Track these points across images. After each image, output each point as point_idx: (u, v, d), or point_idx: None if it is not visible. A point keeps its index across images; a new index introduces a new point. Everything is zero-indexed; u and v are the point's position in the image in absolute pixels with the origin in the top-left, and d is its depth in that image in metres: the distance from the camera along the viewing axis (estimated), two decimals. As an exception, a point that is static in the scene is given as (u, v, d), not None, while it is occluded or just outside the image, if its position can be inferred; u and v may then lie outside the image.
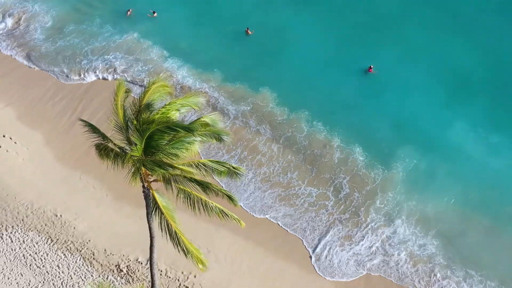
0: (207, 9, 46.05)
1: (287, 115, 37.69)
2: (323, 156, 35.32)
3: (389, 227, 31.71)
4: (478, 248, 30.95)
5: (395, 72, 40.19)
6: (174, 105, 18.83)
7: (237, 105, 38.39)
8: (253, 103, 38.52)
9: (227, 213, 19.63)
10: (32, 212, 31.66)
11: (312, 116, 37.50)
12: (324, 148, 35.74)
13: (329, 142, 36.03)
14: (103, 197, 32.96)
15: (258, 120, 37.53)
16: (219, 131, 18.75)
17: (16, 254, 29.60)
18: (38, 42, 43.16)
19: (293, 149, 35.83)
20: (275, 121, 37.41)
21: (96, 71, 40.75)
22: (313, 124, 37.05)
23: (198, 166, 18.81)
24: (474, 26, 43.25)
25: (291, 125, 37.09)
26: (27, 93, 39.30)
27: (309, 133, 36.61)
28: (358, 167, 34.50)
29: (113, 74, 40.60)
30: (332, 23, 44.40)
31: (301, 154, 35.52)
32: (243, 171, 19.24)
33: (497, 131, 36.31)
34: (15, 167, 34.05)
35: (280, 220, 32.26)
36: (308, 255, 30.82)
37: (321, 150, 35.63)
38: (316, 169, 34.63)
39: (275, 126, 37.12)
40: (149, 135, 17.79)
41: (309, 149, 35.78)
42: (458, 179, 33.96)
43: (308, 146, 35.91)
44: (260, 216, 32.38)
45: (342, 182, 33.86)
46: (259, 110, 38.10)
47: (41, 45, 42.89)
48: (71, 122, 36.99)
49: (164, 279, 29.03)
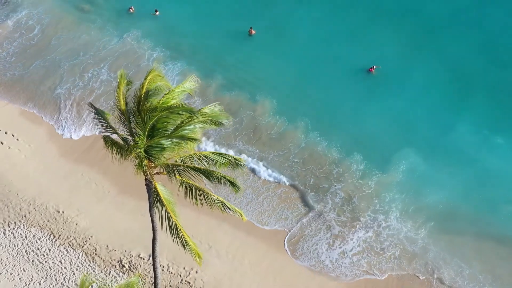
0: (210, 7, 46.15)
1: (285, 121, 37.47)
2: (320, 158, 35.25)
3: (386, 226, 31.72)
4: (471, 245, 30.94)
5: (396, 72, 40.20)
6: (173, 93, 19.05)
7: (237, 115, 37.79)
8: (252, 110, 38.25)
9: (229, 206, 19.78)
10: (34, 208, 31.78)
11: (310, 116, 37.48)
12: (323, 151, 35.64)
13: (329, 141, 36.09)
14: (105, 193, 33.09)
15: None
16: (220, 115, 18.98)
17: (19, 250, 29.71)
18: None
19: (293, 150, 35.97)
20: (270, 133, 36.91)
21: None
22: (311, 127, 36.92)
23: (200, 158, 19.06)
24: (476, 25, 43.36)
25: (289, 135, 36.71)
26: (29, 89, 39.52)
27: (307, 136, 36.44)
28: (357, 170, 34.34)
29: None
30: (335, 21, 44.46)
31: (298, 154, 35.57)
32: (244, 162, 19.45)
33: (499, 133, 36.18)
34: (18, 164, 34.19)
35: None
36: (309, 254, 30.86)
37: (318, 152, 35.55)
38: (314, 171, 34.63)
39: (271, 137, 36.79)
40: (152, 124, 17.96)
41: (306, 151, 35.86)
42: (458, 178, 33.85)
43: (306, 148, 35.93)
44: (266, 228, 32.03)
45: (340, 182, 33.81)
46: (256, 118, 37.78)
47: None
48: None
49: (166, 275, 29.11)
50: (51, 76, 40.41)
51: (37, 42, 43.38)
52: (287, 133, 36.70)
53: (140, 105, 18.69)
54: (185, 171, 19.07)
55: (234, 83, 39.69)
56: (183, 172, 19.13)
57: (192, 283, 28.92)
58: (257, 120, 37.44)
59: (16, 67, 41.20)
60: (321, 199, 33.06)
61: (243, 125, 37.13)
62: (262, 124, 37.26)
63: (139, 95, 18.91)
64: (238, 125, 37.09)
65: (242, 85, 39.50)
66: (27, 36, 43.85)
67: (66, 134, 36.49)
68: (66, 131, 36.58)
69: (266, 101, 38.45)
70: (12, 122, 36.66)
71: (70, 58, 41.94)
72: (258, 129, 37.03)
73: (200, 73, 38.78)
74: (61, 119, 37.35)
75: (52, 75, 40.50)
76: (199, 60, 41.42)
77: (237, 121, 37.23)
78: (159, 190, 19.29)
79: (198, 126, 18.51)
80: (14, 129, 36.17)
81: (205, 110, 19.28)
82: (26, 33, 44.03)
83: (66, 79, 40.23)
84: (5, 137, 35.53)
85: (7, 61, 41.73)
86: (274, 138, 36.56)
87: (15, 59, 41.90)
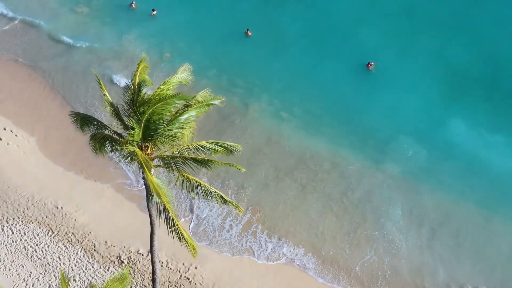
0: (207, 8, 46.11)
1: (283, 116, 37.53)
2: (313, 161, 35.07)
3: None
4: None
5: (394, 68, 40.16)
6: (167, 85, 18.97)
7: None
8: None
9: (226, 199, 19.61)
10: (33, 204, 31.63)
11: (308, 115, 37.50)
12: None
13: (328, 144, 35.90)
14: (104, 189, 32.97)
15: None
16: (212, 98, 18.94)
17: (17, 246, 29.56)
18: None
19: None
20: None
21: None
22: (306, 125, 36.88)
23: (197, 148, 19.00)
24: (474, 23, 43.40)
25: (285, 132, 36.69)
26: (28, 86, 39.38)
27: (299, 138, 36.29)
28: (353, 167, 34.33)
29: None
30: (334, 20, 44.52)
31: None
32: (240, 148, 19.38)
33: (498, 131, 36.16)
34: (16, 160, 34.05)
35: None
36: (309, 254, 30.64)
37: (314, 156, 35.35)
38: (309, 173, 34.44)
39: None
40: (147, 118, 17.81)
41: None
42: (456, 178, 33.82)
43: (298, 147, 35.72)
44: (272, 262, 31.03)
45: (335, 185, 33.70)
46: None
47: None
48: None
49: (165, 271, 28.94)
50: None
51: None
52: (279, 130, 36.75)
53: (135, 97, 18.57)
54: (182, 162, 18.92)
55: (230, 83, 39.60)
56: (181, 164, 18.98)
57: (191, 279, 28.74)
58: (257, 120, 37.39)
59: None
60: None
61: (242, 125, 37.10)
62: (263, 124, 37.23)
63: (132, 88, 18.80)
64: (239, 125, 37.16)
65: (239, 85, 39.44)
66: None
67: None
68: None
69: (263, 99, 38.48)
70: (11, 118, 36.54)
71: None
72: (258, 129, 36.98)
73: (196, 73, 38.34)
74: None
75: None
76: (196, 60, 40.71)
77: (237, 120, 37.31)
78: (156, 183, 19.08)
79: (192, 114, 18.46)
80: (13, 125, 36.02)
81: (198, 98, 19.29)
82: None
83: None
84: (4, 133, 35.41)
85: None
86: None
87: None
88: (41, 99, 38.53)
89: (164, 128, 18.48)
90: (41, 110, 37.76)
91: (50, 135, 36.02)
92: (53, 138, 35.85)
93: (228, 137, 35.04)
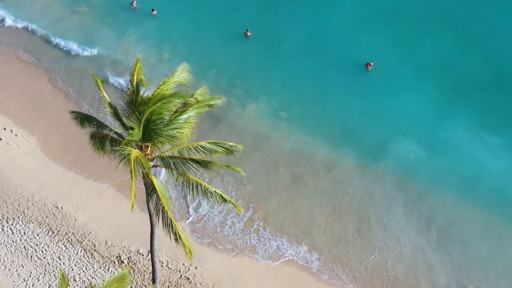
0: (207, 8, 46.11)
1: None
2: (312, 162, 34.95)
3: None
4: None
5: (393, 69, 40.12)
6: (167, 84, 18.93)
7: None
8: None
9: (226, 198, 19.57)
10: (33, 204, 31.61)
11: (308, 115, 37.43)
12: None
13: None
14: (104, 189, 32.93)
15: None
16: (213, 97, 18.85)
17: (17, 246, 29.55)
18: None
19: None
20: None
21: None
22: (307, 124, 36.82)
23: (197, 149, 18.92)
24: (474, 23, 43.44)
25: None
26: (28, 86, 39.36)
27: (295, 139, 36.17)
28: (353, 166, 34.29)
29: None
30: (333, 20, 44.61)
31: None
32: (241, 148, 19.33)
33: (499, 131, 36.06)
34: (16, 160, 34.05)
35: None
36: (310, 253, 30.58)
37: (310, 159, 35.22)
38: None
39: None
40: (147, 117, 17.76)
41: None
42: (457, 178, 33.69)
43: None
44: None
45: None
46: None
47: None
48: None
49: (165, 271, 28.90)
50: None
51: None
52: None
53: (134, 96, 18.54)
54: (182, 163, 18.87)
55: (230, 83, 39.56)
56: (180, 164, 18.93)
57: (192, 278, 28.70)
58: (256, 120, 37.31)
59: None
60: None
61: (241, 124, 37.07)
62: (262, 123, 37.13)
63: (131, 88, 18.79)
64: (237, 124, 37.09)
65: (238, 85, 39.40)
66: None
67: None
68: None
69: (261, 99, 38.45)
70: (11, 118, 36.52)
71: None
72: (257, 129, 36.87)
73: (195, 74, 38.21)
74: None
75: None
76: (195, 60, 40.77)
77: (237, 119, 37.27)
78: (155, 184, 19.08)
79: (192, 114, 18.42)
80: (13, 125, 36.02)
81: (196, 96, 19.23)
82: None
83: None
84: (4, 133, 35.42)
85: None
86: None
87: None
88: (41, 99, 38.55)
89: (164, 128, 18.44)
90: (41, 110, 37.84)
91: (50, 134, 36.04)
92: (53, 138, 35.89)
93: (228, 137, 35.14)
